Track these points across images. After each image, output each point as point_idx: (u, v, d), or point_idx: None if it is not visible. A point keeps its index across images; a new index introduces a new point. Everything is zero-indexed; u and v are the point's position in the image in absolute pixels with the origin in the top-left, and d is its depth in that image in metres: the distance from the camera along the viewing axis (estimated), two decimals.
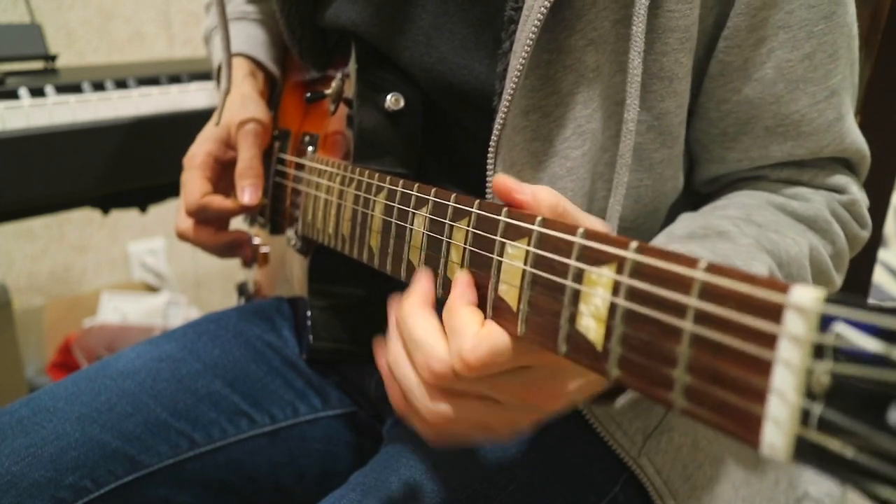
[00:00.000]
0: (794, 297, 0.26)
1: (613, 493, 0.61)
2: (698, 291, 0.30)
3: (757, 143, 0.61)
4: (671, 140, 0.60)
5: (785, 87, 0.59)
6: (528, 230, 0.41)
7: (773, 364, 0.27)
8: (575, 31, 0.56)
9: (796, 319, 0.26)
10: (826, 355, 0.25)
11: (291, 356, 0.79)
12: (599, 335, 0.36)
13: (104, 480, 0.65)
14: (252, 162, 0.78)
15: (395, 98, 0.65)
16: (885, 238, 1.90)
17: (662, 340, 0.32)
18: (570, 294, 0.37)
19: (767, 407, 0.27)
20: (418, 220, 0.51)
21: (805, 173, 0.63)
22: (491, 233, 0.44)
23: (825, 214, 0.61)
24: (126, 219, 1.90)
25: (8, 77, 1.05)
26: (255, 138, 0.78)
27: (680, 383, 0.31)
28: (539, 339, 0.40)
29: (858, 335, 0.24)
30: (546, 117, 0.59)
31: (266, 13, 0.87)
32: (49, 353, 1.71)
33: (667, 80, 0.58)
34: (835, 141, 0.61)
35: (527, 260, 0.41)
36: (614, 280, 0.35)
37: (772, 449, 0.27)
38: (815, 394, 0.25)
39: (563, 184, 0.59)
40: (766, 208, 0.60)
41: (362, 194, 0.59)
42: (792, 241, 0.57)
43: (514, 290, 0.41)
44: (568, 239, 0.38)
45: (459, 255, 0.46)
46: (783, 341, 0.27)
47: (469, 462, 0.59)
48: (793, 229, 0.59)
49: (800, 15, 0.57)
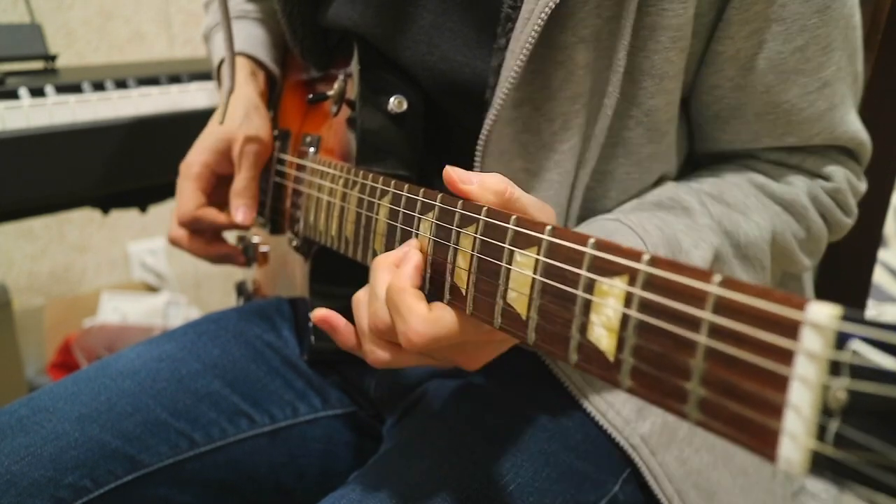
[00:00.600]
0: (811, 314, 0.27)
1: (613, 492, 0.61)
2: (713, 305, 0.30)
3: (747, 128, 0.63)
4: (659, 136, 0.62)
5: (776, 78, 0.60)
6: (537, 239, 0.41)
7: (789, 380, 0.27)
8: (567, 29, 0.57)
9: (813, 336, 0.26)
10: (843, 372, 0.25)
11: (291, 356, 0.79)
12: (611, 346, 0.36)
13: (104, 480, 0.65)
14: (250, 183, 0.78)
15: (399, 100, 0.65)
16: (885, 238, 1.90)
17: (676, 353, 0.32)
18: (581, 304, 0.38)
19: (784, 422, 0.27)
20: (424, 224, 0.51)
21: (794, 157, 0.64)
22: (499, 240, 0.44)
23: (802, 199, 0.63)
24: (126, 219, 1.90)
25: (8, 77, 1.04)
26: (255, 158, 0.79)
27: (694, 396, 0.31)
28: (549, 348, 0.40)
29: (875, 353, 0.24)
30: (536, 110, 0.60)
31: (266, 12, 0.87)
32: (49, 353, 1.71)
33: (657, 77, 0.58)
34: (825, 130, 0.62)
35: (536, 269, 0.41)
36: (626, 291, 0.35)
37: (788, 463, 0.27)
38: (831, 410, 0.25)
39: (550, 175, 0.61)
40: (742, 187, 0.62)
41: (366, 197, 0.59)
42: (755, 224, 0.60)
43: (524, 298, 0.42)
44: (579, 249, 0.38)
45: (467, 262, 0.46)
46: (800, 357, 0.27)
47: (469, 462, 0.59)
48: (761, 211, 0.61)
49: (793, 9, 0.57)
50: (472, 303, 0.46)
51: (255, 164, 0.79)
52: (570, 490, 0.59)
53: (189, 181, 0.79)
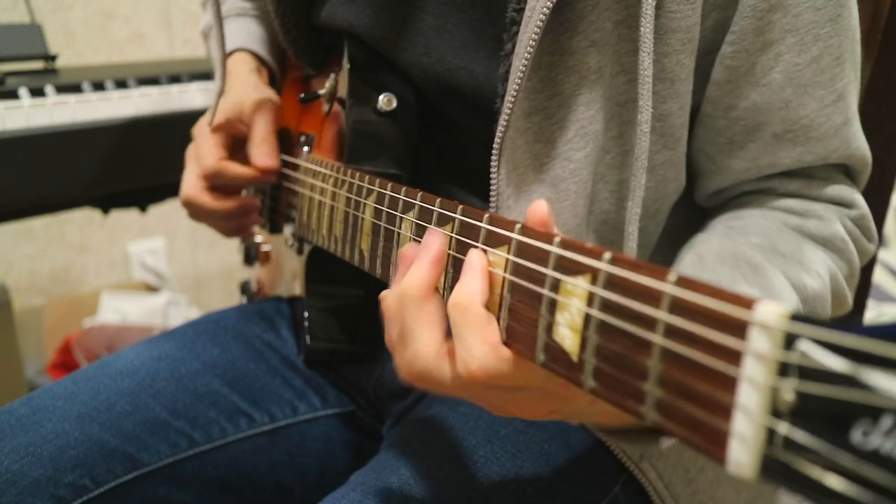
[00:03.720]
0: (759, 314, 0.26)
1: (614, 493, 0.60)
2: (668, 305, 0.30)
3: (765, 150, 0.60)
4: (673, 142, 0.60)
5: (793, 92, 0.58)
6: (507, 238, 0.41)
7: (738, 381, 0.27)
8: (577, 33, 0.56)
9: (761, 336, 0.26)
10: (791, 373, 0.25)
11: (291, 356, 0.79)
12: (575, 345, 0.36)
13: (103, 479, 0.65)
14: (267, 135, 0.76)
15: (388, 98, 0.65)
16: (886, 238, 1.90)
17: (634, 353, 0.32)
18: (546, 303, 0.37)
19: (733, 423, 0.27)
20: (406, 224, 0.51)
21: (813, 186, 0.61)
22: (473, 239, 0.44)
23: (842, 234, 0.60)
24: (126, 219, 1.90)
25: (8, 77, 1.04)
26: (270, 114, 0.77)
27: (651, 396, 0.31)
28: (518, 347, 0.40)
29: (824, 354, 0.24)
30: (548, 119, 0.58)
31: (262, 10, 0.87)
32: (49, 353, 1.71)
33: (668, 81, 0.57)
34: (842, 146, 0.60)
35: (506, 267, 0.41)
36: (588, 291, 0.35)
37: (738, 466, 0.26)
38: (780, 412, 0.25)
39: (566, 186, 0.59)
40: (785, 232, 0.59)
41: (353, 196, 0.59)
42: (816, 273, 0.56)
43: (495, 297, 0.41)
44: (544, 248, 0.38)
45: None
46: (748, 358, 0.26)
47: (469, 462, 0.59)
48: (815, 259, 0.58)
49: (806, 18, 0.56)
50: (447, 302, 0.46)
51: (270, 120, 0.77)
52: (571, 490, 0.59)
53: (206, 137, 0.77)
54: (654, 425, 0.31)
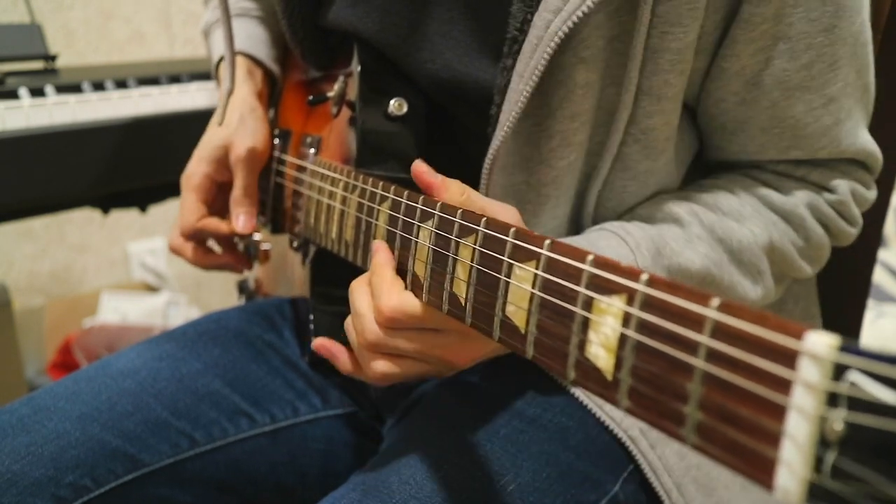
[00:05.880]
0: (809, 344, 0.26)
1: (613, 492, 0.61)
2: (710, 330, 0.30)
3: (754, 140, 0.63)
4: (655, 153, 0.62)
5: (781, 94, 0.60)
6: (536, 253, 0.41)
7: (787, 409, 0.27)
8: (567, 49, 0.57)
9: (810, 367, 0.26)
10: (840, 403, 0.25)
11: (292, 356, 0.79)
12: (609, 364, 0.35)
13: (104, 479, 0.65)
14: (248, 190, 0.79)
15: (399, 103, 0.65)
16: (885, 238, 1.90)
17: (673, 375, 0.32)
18: (579, 321, 0.37)
19: (781, 451, 0.27)
20: (423, 233, 0.51)
21: (800, 169, 0.65)
22: (498, 252, 0.43)
23: (800, 210, 0.63)
24: (126, 219, 1.90)
25: (8, 77, 1.04)
26: (252, 165, 0.78)
27: (692, 420, 0.31)
28: (548, 363, 0.40)
29: (873, 385, 0.24)
30: (538, 126, 0.60)
31: (267, 10, 0.87)
32: (49, 353, 1.71)
33: (655, 97, 0.59)
34: (831, 144, 0.62)
35: (535, 283, 0.40)
36: (624, 311, 0.34)
37: (785, 493, 0.27)
38: (828, 441, 0.25)
39: (547, 190, 0.61)
40: (740, 196, 0.64)
41: (366, 202, 0.58)
42: (749, 231, 0.62)
43: (522, 312, 0.41)
44: (577, 266, 0.38)
45: (466, 273, 0.46)
46: (797, 388, 0.27)
47: (469, 462, 0.59)
48: (756, 219, 0.62)
49: (799, 28, 0.58)
50: (470, 313, 0.46)
51: (252, 171, 0.79)
52: (571, 490, 0.59)
53: (190, 192, 0.80)
54: (693, 448, 0.31)
